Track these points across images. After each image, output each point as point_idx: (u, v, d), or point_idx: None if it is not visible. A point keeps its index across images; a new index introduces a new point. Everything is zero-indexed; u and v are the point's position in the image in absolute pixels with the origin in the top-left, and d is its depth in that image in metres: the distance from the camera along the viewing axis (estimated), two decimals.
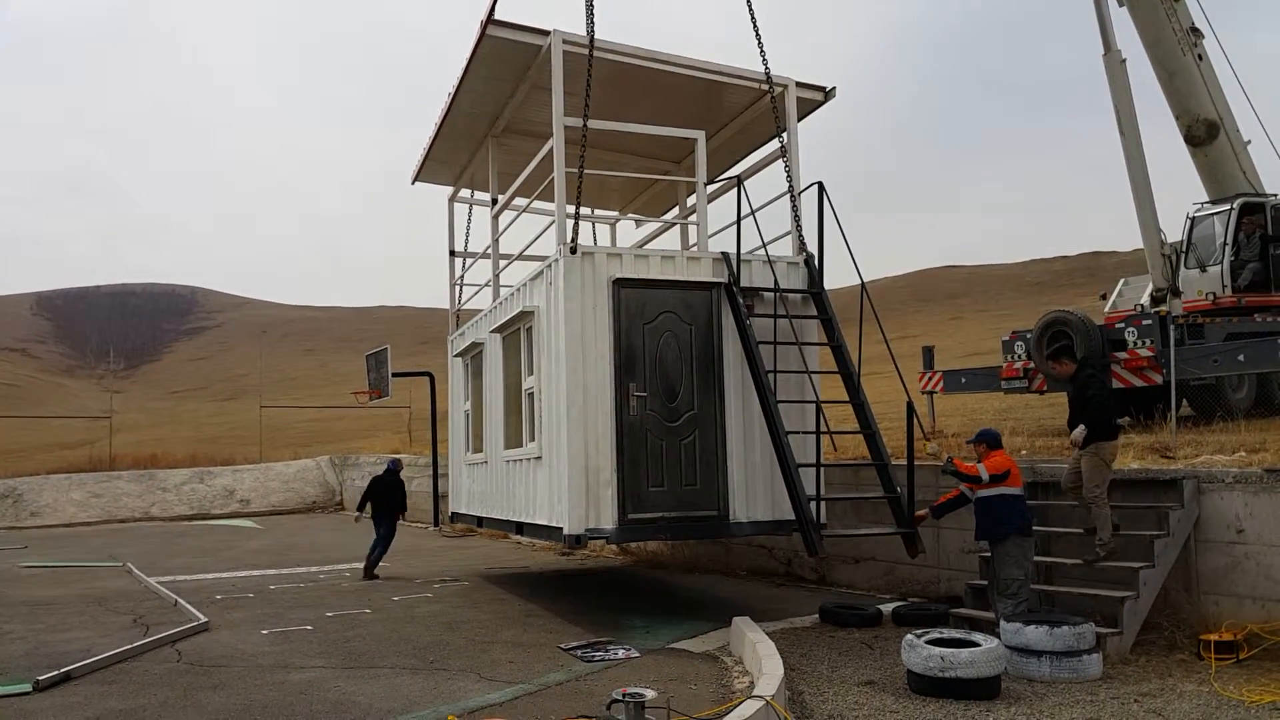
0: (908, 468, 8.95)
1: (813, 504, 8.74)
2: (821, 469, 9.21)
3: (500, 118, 11.49)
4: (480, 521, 12.67)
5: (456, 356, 13.58)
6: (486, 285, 12.76)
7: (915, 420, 9.06)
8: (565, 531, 8.76)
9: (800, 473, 8.67)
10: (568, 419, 8.78)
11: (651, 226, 13.71)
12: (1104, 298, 16.35)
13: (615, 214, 14.56)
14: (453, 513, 14.33)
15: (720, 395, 9.31)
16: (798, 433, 8.97)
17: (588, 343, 8.92)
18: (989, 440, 8.30)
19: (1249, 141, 14.28)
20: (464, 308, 14.08)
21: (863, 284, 9.38)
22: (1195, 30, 13.68)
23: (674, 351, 9.21)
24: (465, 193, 14.05)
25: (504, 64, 10.07)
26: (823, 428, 9.08)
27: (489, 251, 12.28)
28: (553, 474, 9.19)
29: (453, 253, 13.96)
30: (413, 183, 13.95)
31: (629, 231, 14.91)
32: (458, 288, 14.01)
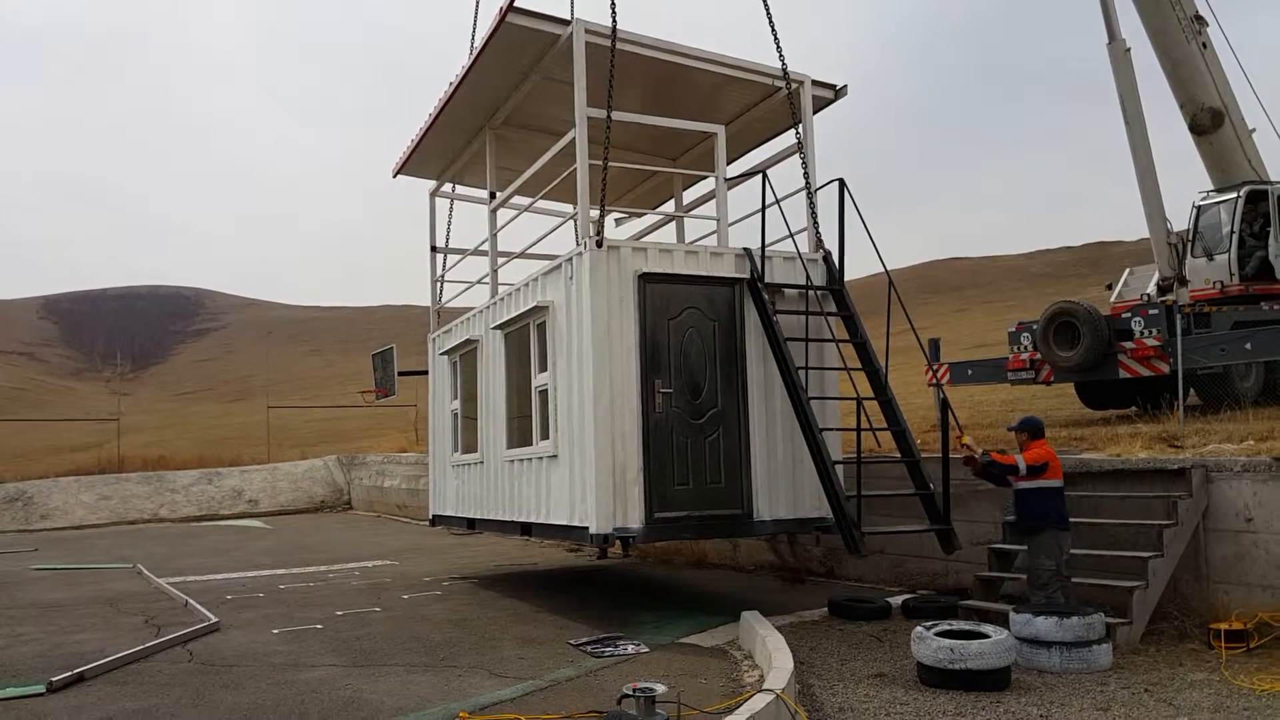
0: (942, 463, 8.81)
1: (850, 502, 8.57)
2: (861, 466, 8.96)
3: (501, 110, 11.30)
4: (471, 524, 12.21)
5: (442, 355, 13.22)
6: (480, 282, 12.54)
7: (951, 414, 8.90)
8: (592, 531, 8.56)
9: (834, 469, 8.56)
10: (594, 416, 8.60)
11: (649, 220, 13.46)
12: (1110, 288, 16.35)
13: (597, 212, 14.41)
14: (433, 515, 13.68)
15: (743, 392, 9.23)
16: (827, 430, 8.88)
17: (614, 338, 8.77)
18: (1031, 429, 8.10)
19: (1254, 129, 14.27)
20: (445, 305, 13.81)
21: (890, 280, 9.18)
22: (1199, 18, 13.65)
23: (697, 347, 9.12)
24: (447, 187, 13.69)
25: (517, 53, 9.90)
26: (848, 424, 9.01)
27: (485, 247, 12.03)
28: (574, 473, 9.02)
29: (434, 248, 13.68)
30: (395, 175, 13.57)
31: (608, 228, 14.77)
32: (439, 285, 13.74)
